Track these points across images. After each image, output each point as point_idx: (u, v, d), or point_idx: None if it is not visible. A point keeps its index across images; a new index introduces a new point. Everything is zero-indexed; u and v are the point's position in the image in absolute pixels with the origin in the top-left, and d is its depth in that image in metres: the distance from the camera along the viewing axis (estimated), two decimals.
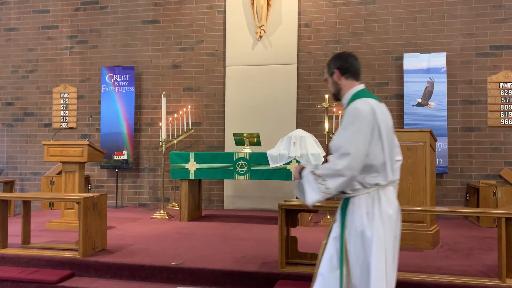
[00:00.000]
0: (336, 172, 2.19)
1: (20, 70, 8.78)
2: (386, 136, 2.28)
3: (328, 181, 2.22)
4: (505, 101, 6.96)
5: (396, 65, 7.32)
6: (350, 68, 2.41)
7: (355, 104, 2.29)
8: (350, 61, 2.42)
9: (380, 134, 2.25)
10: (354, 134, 2.21)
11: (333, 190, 2.22)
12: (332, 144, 2.29)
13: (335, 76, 2.45)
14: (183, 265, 3.80)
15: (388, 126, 2.32)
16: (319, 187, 2.25)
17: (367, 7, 7.49)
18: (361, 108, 2.25)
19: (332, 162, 2.22)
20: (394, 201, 2.35)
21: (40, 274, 3.86)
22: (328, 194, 2.24)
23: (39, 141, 8.52)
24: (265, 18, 7.63)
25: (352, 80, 2.42)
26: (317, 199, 2.27)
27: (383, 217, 2.25)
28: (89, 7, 8.53)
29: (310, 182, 2.28)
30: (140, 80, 8.25)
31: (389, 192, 2.31)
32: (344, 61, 2.43)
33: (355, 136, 2.20)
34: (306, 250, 4.18)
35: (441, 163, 6.92)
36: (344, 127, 2.26)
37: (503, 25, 7.02)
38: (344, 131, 2.25)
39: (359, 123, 2.22)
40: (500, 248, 3.38)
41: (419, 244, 4.56)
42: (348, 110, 2.31)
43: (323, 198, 2.26)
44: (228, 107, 7.83)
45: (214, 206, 7.82)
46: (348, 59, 2.43)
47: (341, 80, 2.44)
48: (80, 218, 4.09)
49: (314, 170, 2.29)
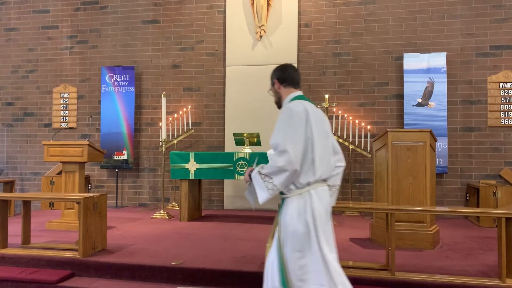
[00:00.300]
0: (279, 169, 2.35)
1: (20, 70, 8.79)
2: (318, 137, 2.43)
3: (274, 179, 2.39)
4: (505, 101, 6.96)
5: (396, 65, 7.32)
6: (287, 77, 2.64)
7: (289, 105, 2.51)
8: (288, 71, 2.66)
9: (312, 133, 2.41)
10: (289, 131, 2.38)
11: (280, 186, 2.40)
12: (271, 143, 2.45)
13: (275, 85, 2.69)
14: (183, 265, 3.80)
15: (322, 129, 2.49)
16: (267, 185, 2.41)
17: (367, 7, 7.49)
18: (294, 108, 2.45)
19: (274, 160, 2.38)
20: (326, 201, 2.46)
21: (40, 274, 3.86)
22: (275, 191, 2.41)
23: (39, 141, 8.53)
24: (265, 18, 7.64)
25: (290, 88, 2.65)
26: (266, 196, 2.43)
27: (314, 216, 2.38)
28: (89, 7, 8.53)
29: (259, 181, 2.45)
30: (140, 80, 8.26)
31: (321, 192, 2.45)
32: (282, 72, 2.66)
33: (290, 133, 2.37)
34: None
35: (441, 163, 6.92)
36: (279, 125, 2.44)
37: (503, 25, 7.02)
38: (280, 130, 2.42)
39: (293, 121, 2.40)
40: (500, 248, 3.38)
41: (419, 244, 4.57)
42: (282, 109, 2.53)
43: (271, 195, 2.43)
44: (228, 107, 7.83)
45: (214, 206, 7.82)
46: (286, 70, 2.67)
47: (281, 89, 2.67)
48: (80, 218, 4.09)
49: (260, 170, 2.45)
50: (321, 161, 2.43)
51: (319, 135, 2.44)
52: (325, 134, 2.51)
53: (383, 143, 4.83)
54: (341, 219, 6.61)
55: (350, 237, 5.16)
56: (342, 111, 7.34)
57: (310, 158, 2.41)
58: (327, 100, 6.92)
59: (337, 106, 7.28)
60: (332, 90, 7.50)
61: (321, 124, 2.51)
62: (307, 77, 7.63)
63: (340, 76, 7.54)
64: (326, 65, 7.59)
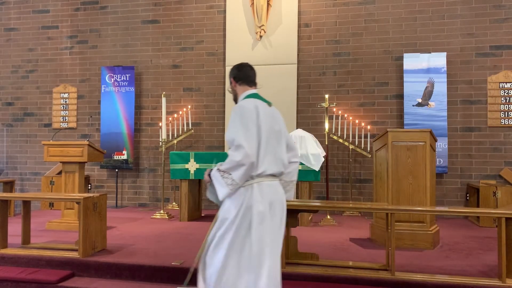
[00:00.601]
0: (237, 163, 2.43)
1: (20, 70, 8.79)
2: (265, 135, 2.53)
3: (232, 174, 2.46)
4: (505, 101, 6.96)
5: (396, 65, 7.32)
6: (242, 76, 2.79)
7: (240, 102, 2.67)
8: (243, 70, 2.80)
9: (259, 130, 2.52)
10: (241, 126, 2.49)
11: (239, 181, 2.47)
12: (227, 139, 2.57)
13: (232, 83, 2.85)
14: (183, 265, 3.80)
15: (270, 127, 2.59)
16: (226, 181, 2.48)
17: (367, 7, 7.49)
18: (245, 105, 2.59)
19: (231, 155, 2.46)
20: (267, 195, 2.52)
21: (40, 274, 3.86)
22: (235, 186, 2.48)
23: (39, 141, 8.53)
24: (265, 18, 7.63)
25: (245, 86, 2.80)
26: (227, 192, 2.50)
27: (251, 210, 2.46)
28: (89, 7, 8.53)
29: (218, 178, 2.52)
30: (140, 80, 8.26)
31: (265, 187, 2.52)
32: (238, 71, 2.81)
33: (243, 128, 2.48)
34: (306, 250, 4.18)
35: (441, 163, 6.92)
36: (233, 122, 2.55)
37: (503, 25, 7.02)
38: (233, 126, 2.53)
39: (245, 117, 2.52)
40: (500, 248, 3.38)
41: (419, 244, 4.57)
42: (234, 107, 2.65)
43: (232, 190, 2.50)
44: (228, 107, 7.83)
45: (214, 206, 7.81)
46: (241, 69, 2.81)
47: (236, 87, 2.83)
48: (80, 218, 4.09)
49: (219, 167, 2.53)
50: (264, 157, 2.51)
51: (266, 132, 2.54)
52: (274, 132, 2.61)
53: (383, 143, 4.83)
54: (341, 219, 6.61)
55: (350, 237, 5.16)
56: (342, 111, 7.33)
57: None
58: (327, 100, 6.92)
59: (337, 106, 7.28)
60: (332, 90, 7.50)
61: (271, 122, 2.62)
62: (307, 77, 7.64)
63: (340, 76, 7.54)
64: (326, 65, 7.59)
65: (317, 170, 5.86)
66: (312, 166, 5.85)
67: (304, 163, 5.87)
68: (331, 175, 7.33)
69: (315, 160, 5.85)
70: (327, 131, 6.88)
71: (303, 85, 7.65)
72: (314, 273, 3.59)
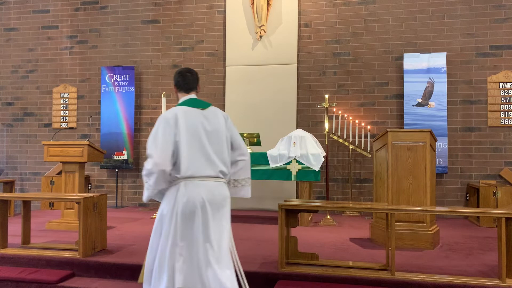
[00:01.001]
0: (149, 171, 2.64)
1: (20, 70, 8.79)
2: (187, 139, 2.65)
3: (149, 180, 2.68)
4: (505, 101, 6.96)
5: (396, 65, 7.32)
6: (178, 83, 2.92)
7: (164, 113, 2.84)
8: (178, 78, 2.92)
9: (180, 136, 2.65)
10: (154, 137, 2.67)
11: (154, 185, 2.67)
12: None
13: (174, 90, 3.00)
14: None
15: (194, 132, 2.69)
16: (146, 185, 2.72)
17: (367, 7, 7.49)
18: (165, 114, 2.73)
19: (145, 163, 2.68)
20: (192, 194, 2.63)
21: (40, 274, 3.86)
22: (154, 189, 2.70)
23: (39, 141, 8.53)
24: (265, 18, 7.63)
25: (182, 92, 2.92)
26: (147, 194, 2.76)
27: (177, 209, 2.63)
28: (89, 7, 8.53)
29: (144, 182, 2.76)
30: (140, 80, 8.26)
31: (191, 187, 2.65)
32: (175, 78, 2.94)
33: (155, 139, 2.66)
34: (306, 250, 4.19)
35: (441, 163, 6.92)
36: (152, 132, 2.72)
37: (503, 25, 7.02)
38: (150, 136, 2.71)
39: (161, 127, 2.68)
40: (500, 248, 3.38)
41: (419, 244, 4.57)
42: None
43: (152, 192, 2.73)
44: (228, 107, 7.83)
45: None
46: (179, 76, 2.92)
47: (177, 93, 2.97)
48: (80, 218, 4.09)
49: (143, 173, 2.73)
50: (188, 159, 2.65)
51: (189, 136, 2.67)
52: (206, 133, 2.72)
53: (383, 143, 4.83)
54: (341, 219, 6.61)
55: (350, 237, 5.16)
56: (342, 111, 7.34)
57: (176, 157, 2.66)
58: (327, 100, 6.92)
59: (337, 106, 7.28)
60: (332, 90, 7.50)
61: (201, 125, 2.72)
62: (307, 77, 7.64)
63: (340, 76, 7.54)
64: (326, 65, 7.59)
65: (317, 170, 5.86)
66: (312, 166, 5.85)
67: (304, 163, 5.87)
68: (331, 175, 7.33)
69: (315, 160, 5.85)
70: (327, 131, 6.88)
71: (303, 85, 7.65)
72: (314, 273, 3.59)
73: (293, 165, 5.91)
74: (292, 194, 7.41)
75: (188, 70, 2.94)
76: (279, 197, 7.14)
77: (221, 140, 2.78)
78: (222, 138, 2.78)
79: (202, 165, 2.68)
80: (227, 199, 2.81)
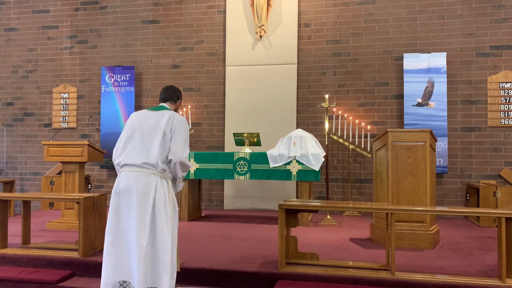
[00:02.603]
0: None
1: (20, 70, 8.79)
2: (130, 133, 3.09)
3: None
4: (505, 101, 6.96)
5: (396, 65, 7.32)
6: (160, 95, 3.39)
7: None
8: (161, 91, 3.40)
9: (125, 132, 3.13)
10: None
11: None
12: None
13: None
14: (183, 265, 3.80)
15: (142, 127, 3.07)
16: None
17: (367, 7, 7.49)
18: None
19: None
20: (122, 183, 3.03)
21: (40, 274, 3.86)
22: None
23: (39, 141, 8.53)
24: (265, 18, 7.63)
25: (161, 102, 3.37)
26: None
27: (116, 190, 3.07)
28: (89, 7, 8.53)
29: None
30: (140, 80, 8.26)
31: (122, 175, 3.06)
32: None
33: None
34: (306, 250, 4.19)
35: (441, 163, 6.92)
36: None
37: (503, 25, 7.02)
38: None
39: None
40: (500, 248, 3.38)
41: (419, 244, 4.57)
42: None
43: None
44: (228, 107, 7.83)
45: (214, 206, 7.82)
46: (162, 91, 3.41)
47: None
48: (80, 218, 4.09)
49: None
50: (123, 151, 3.07)
51: (130, 132, 3.09)
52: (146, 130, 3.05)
53: (383, 143, 4.83)
54: (341, 219, 6.61)
55: (350, 237, 5.16)
56: (342, 111, 7.34)
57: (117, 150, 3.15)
58: (327, 100, 6.92)
59: (337, 106, 7.28)
60: (332, 90, 7.50)
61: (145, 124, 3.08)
62: (307, 77, 7.64)
63: (340, 76, 7.54)
64: (326, 65, 7.59)
65: (317, 170, 5.86)
66: (312, 166, 5.85)
67: (304, 163, 5.87)
68: (331, 175, 7.34)
69: (315, 160, 5.85)
70: (327, 131, 6.88)
71: (303, 85, 7.66)
72: (314, 273, 3.59)
73: (293, 165, 5.91)
74: (292, 194, 7.41)
75: (167, 86, 3.42)
76: (279, 197, 7.15)
77: (156, 137, 3.03)
78: (157, 135, 3.04)
79: (131, 155, 3.05)
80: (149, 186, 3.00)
